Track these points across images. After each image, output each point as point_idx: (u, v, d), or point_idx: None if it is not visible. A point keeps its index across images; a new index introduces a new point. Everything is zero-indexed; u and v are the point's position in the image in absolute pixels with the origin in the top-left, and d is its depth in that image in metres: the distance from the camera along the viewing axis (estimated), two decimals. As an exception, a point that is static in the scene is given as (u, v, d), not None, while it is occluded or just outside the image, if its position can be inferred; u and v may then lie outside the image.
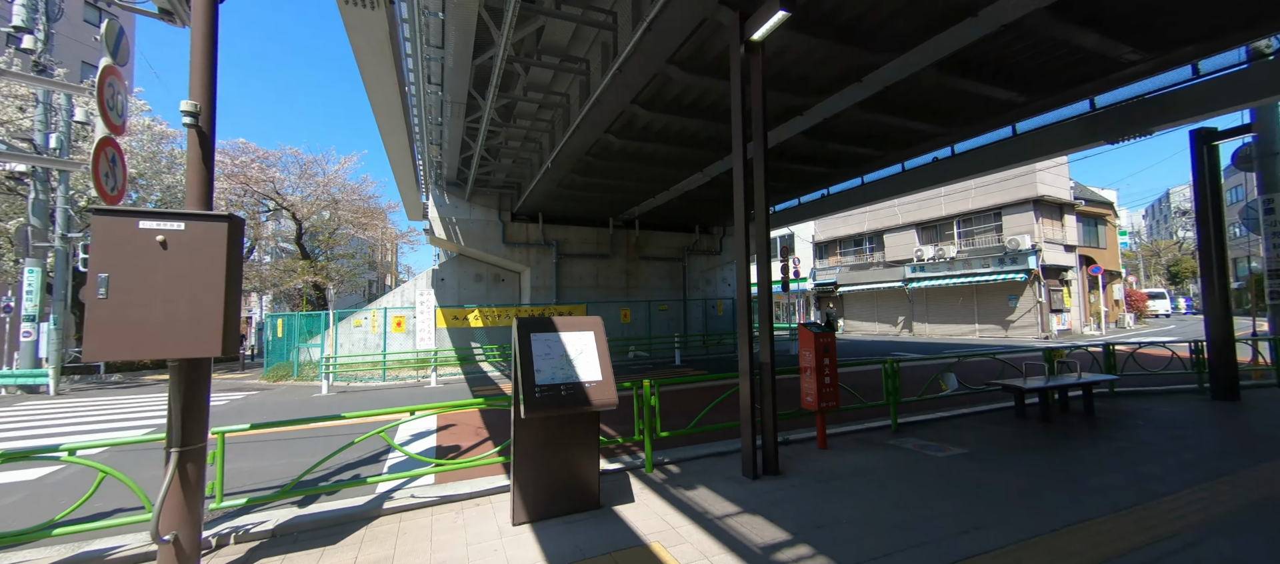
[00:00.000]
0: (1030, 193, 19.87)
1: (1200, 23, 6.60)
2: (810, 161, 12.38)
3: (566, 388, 3.23)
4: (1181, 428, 5.47)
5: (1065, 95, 8.59)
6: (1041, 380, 6.10)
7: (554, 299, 17.00)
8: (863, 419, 6.25)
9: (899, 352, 16.69)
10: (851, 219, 28.13)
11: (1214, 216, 7.15)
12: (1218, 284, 7.15)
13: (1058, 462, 4.42)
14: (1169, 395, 7.37)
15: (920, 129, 9.94)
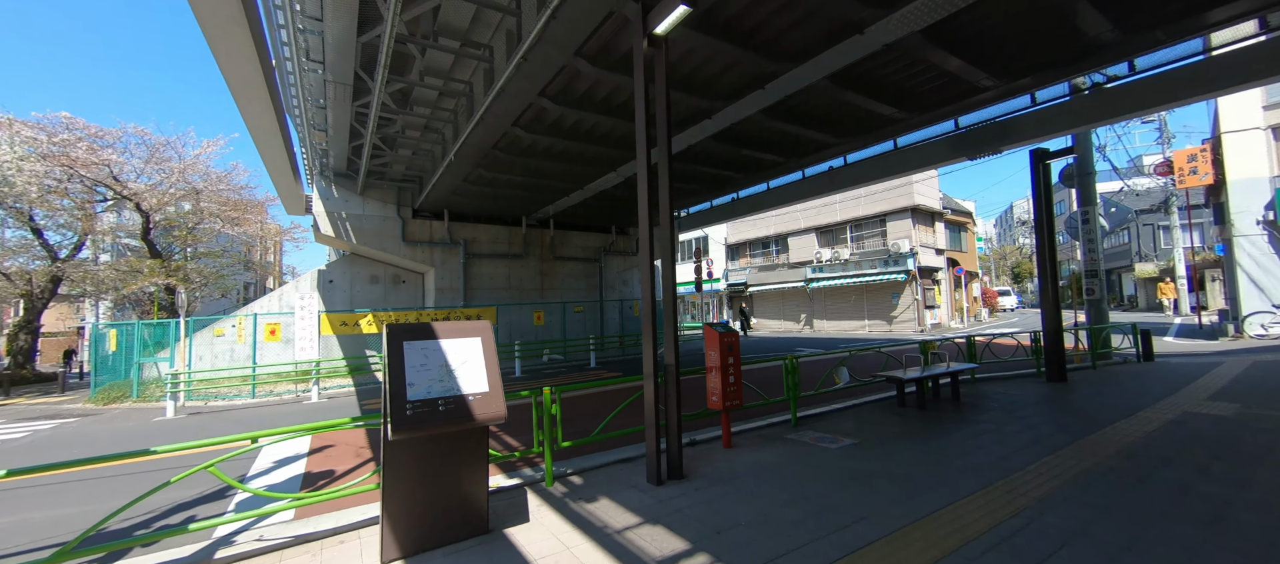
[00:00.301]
0: (908, 202, 22.24)
1: (1037, 57, 7.65)
2: (720, 165, 12.76)
3: (446, 402, 2.86)
4: (1025, 408, 6.26)
5: (936, 114, 9.60)
6: (918, 371, 6.69)
7: (462, 301, 15.97)
8: (766, 415, 6.45)
9: (801, 347, 17.82)
10: (760, 223, 29.70)
11: (1047, 225, 8.35)
12: (1050, 283, 8.36)
13: (931, 446, 4.81)
14: (1016, 379, 8.48)
15: (818, 138, 10.62)
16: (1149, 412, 5.88)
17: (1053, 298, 8.32)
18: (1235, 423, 5.22)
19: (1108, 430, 5.11)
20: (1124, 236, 35.12)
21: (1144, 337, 10.01)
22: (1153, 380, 7.85)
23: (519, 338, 16.43)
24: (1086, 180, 10.77)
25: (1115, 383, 7.80)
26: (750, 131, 10.70)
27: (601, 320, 18.73)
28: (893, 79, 8.42)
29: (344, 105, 9.78)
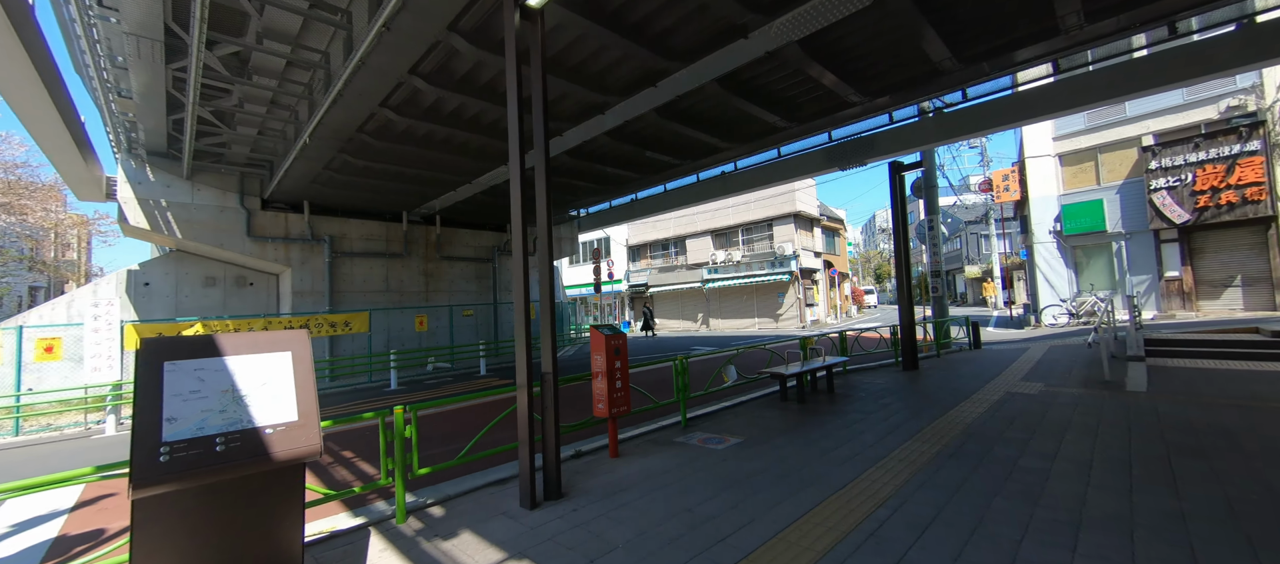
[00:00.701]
0: (792, 208, 24.10)
1: (894, 78, 8.49)
2: (618, 164, 12.59)
3: (229, 439, 2.17)
4: (887, 396, 6.84)
5: (813, 125, 10.29)
6: (798, 367, 7.01)
7: (326, 305, 13.97)
8: (658, 417, 6.31)
9: (697, 346, 18.35)
10: (660, 225, 30.31)
11: (903, 229, 9.33)
12: (905, 282, 9.35)
13: (810, 439, 4.97)
14: (880, 369, 9.36)
15: (710, 142, 10.87)
16: (981, 393, 6.72)
17: (907, 295, 9.31)
18: (1042, 399, 6.13)
19: (952, 413, 5.70)
20: (957, 243, 41.64)
21: (974, 328, 11.69)
22: (982, 365, 9.11)
23: (398, 345, 14.81)
24: (932, 192, 12.34)
25: (955, 369, 8.92)
26: (646, 131, 10.65)
27: (495, 324, 17.64)
28: (777, 88, 8.84)
29: (154, 67, 7.89)
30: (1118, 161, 14.87)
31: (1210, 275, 13.39)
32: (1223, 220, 12.87)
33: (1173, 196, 13.51)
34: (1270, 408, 5.20)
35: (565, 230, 20.53)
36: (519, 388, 3.75)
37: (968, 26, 7.12)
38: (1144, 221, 14.14)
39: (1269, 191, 12.18)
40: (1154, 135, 13.92)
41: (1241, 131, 12.47)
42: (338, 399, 10.84)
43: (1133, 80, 8.67)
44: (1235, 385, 6.36)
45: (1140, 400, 5.86)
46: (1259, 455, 3.87)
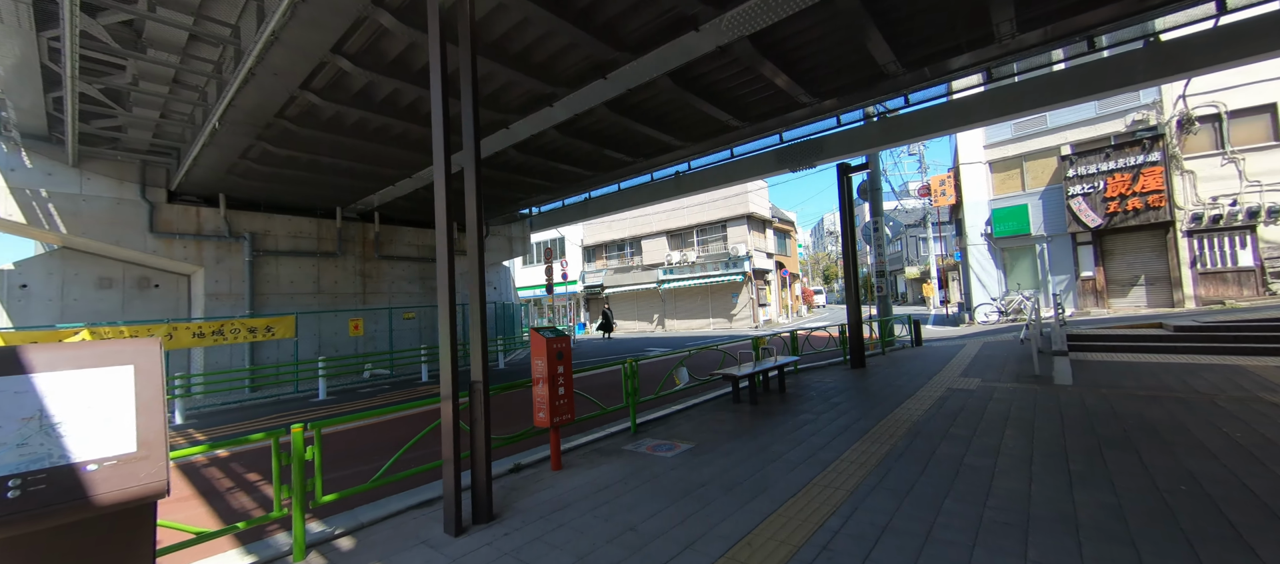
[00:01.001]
0: (745, 210, 24.45)
1: (842, 80, 8.60)
2: (569, 160, 12.17)
3: (27, 481, 1.68)
4: (837, 395, 6.85)
5: (764, 126, 10.31)
6: (750, 367, 6.90)
7: (246, 309, 12.72)
8: (607, 423, 6.00)
9: (652, 347, 18.17)
10: (615, 225, 30.02)
11: (850, 229, 9.50)
12: (853, 282, 9.52)
13: (761, 444, 4.81)
14: (829, 368, 9.47)
15: (663, 140, 10.68)
16: (924, 390, 6.85)
17: (854, 295, 9.48)
18: (980, 395, 6.30)
19: (898, 411, 5.73)
20: (898, 246, 43.85)
21: (916, 326, 12.13)
22: (924, 362, 9.40)
23: (332, 351, 13.73)
24: (876, 195, 12.73)
25: (900, 366, 9.15)
26: (597, 126, 10.33)
27: (440, 328, 16.72)
28: (729, 86, 8.75)
29: (23, 33, 6.80)
30: (1040, 169, 15.97)
31: (1119, 275, 14.60)
32: (1129, 225, 14.05)
33: (1087, 202, 14.63)
34: (1178, 397, 5.54)
35: (516, 229, 19.85)
36: (443, 398, 3.34)
37: (912, 30, 7.27)
38: (1063, 225, 15.23)
39: (1167, 199, 13.40)
40: (1071, 145, 15.03)
41: (1144, 143, 13.67)
42: (255, 412, 9.82)
43: (1056, 91, 9.21)
44: (1147, 377, 6.80)
45: (1068, 393, 6.13)
46: (1178, 446, 4.04)
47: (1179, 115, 13.24)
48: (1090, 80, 8.92)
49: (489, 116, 8.93)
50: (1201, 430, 4.38)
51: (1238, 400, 5.30)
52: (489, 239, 18.99)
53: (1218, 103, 12.94)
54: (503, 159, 11.55)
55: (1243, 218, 12.57)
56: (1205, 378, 6.50)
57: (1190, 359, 7.87)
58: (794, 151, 12.18)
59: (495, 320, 18.35)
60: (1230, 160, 12.89)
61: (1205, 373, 6.80)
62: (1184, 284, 13.29)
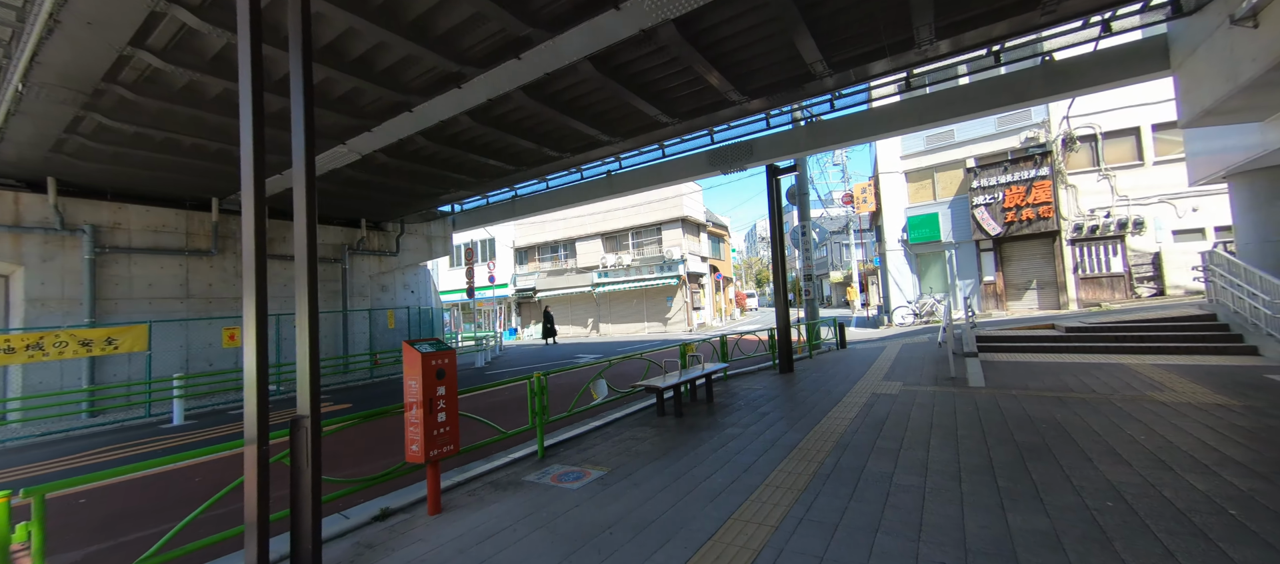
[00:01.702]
0: (680, 213, 24.36)
1: (771, 77, 8.41)
2: (489, 152, 11.19)
3: None
4: (765, 404, 6.52)
5: (695, 122, 9.96)
6: (676, 377, 6.41)
7: (86, 317, 10.53)
8: (514, 446, 5.25)
9: (584, 353, 17.43)
10: (548, 226, 28.94)
11: (778, 231, 9.36)
12: (780, 285, 9.38)
13: (683, 466, 4.29)
14: (758, 373, 9.25)
15: (589, 133, 10.04)
16: (850, 395, 6.71)
17: (783, 299, 9.34)
18: (903, 400, 6.21)
19: (825, 422, 5.46)
20: (825, 251, 46.11)
21: (841, 329, 12.34)
22: (849, 365, 9.43)
23: (204, 365, 11.78)
24: (804, 200, 12.87)
25: (826, 369, 9.11)
26: (517, 116, 9.50)
27: (345, 336, 14.98)
28: (656, 78, 8.29)
29: None
30: (949, 180, 17.06)
31: (1015, 279, 15.85)
32: (1024, 233, 15.29)
33: (989, 212, 15.76)
34: (1080, 398, 5.70)
35: (437, 228, 18.38)
36: (247, 442, 2.47)
37: (839, 27, 7.16)
38: (969, 233, 16.32)
39: (1054, 210, 14.70)
40: (975, 159, 16.15)
41: (1036, 159, 14.94)
42: (86, 443, 7.99)
43: (963, 103, 9.62)
44: (1049, 377, 7.09)
45: (982, 396, 6.18)
46: (1094, 452, 3.98)
47: (1063, 135, 14.57)
48: (993, 94, 9.39)
49: (387, 96, 7.86)
50: (1110, 434, 4.40)
51: (1130, 400, 5.52)
52: (405, 239, 17.40)
53: (1094, 125, 14.38)
54: (411, 148, 10.38)
55: (1114, 229, 14.02)
56: (1098, 377, 6.85)
57: (1081, 358, 8.40)
58: (725, 153, 12.01)
59: (413, 328, 16.81)
60: (1104, 177, 14.36)
61: (1096, 372, 7.19)
62: (1068, 288, 14.62)
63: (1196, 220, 13.22)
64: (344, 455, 5.86)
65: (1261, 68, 5.71)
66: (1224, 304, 8.72)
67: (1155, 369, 7.13)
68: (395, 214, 16.20)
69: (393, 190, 13.46)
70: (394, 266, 17.10)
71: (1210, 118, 7.43)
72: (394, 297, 17.62)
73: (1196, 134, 9.31)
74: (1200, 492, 3.15)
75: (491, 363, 16.51)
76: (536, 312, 30.18)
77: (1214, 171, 9.04)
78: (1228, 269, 8.51)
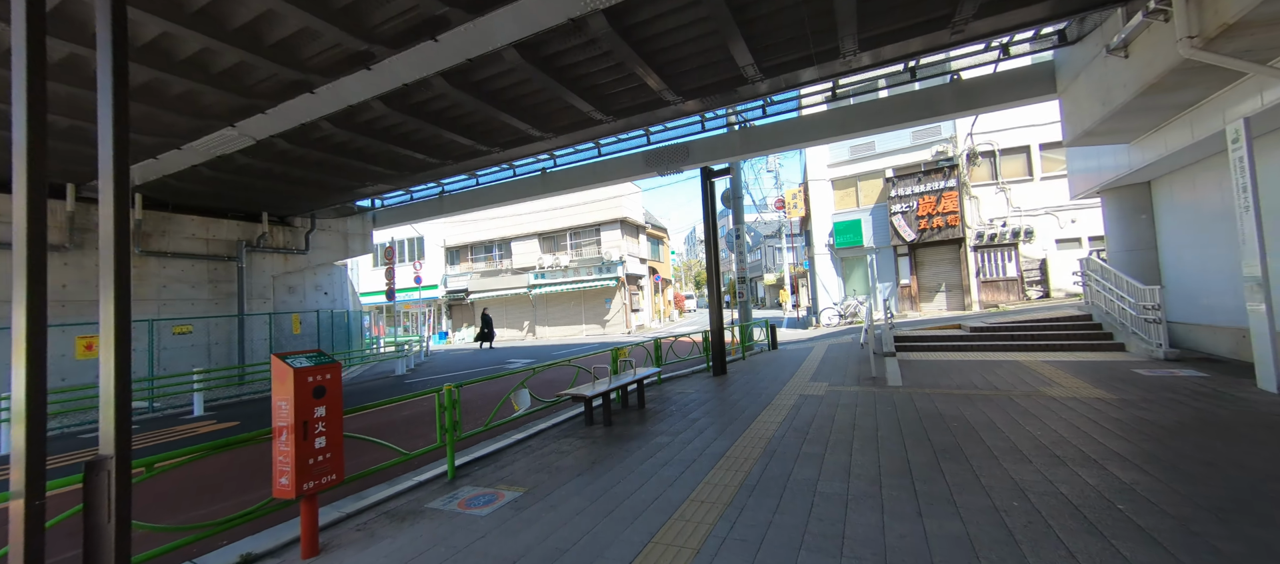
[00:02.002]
0: (619, 214, 24.16)
1: (705, 79, 8.37)
2: (409, 143, 10.35)
3: None
4: (696, 409, 6.41)
5: (630, 121, 9.73)
6: (605, 384, 6.14)
7: (-118, 327, 8.53)
8: (421, 466, 4.74)
9: (515, 359, 16.74)
10: (482, 225, 27.73)
11: (713, 233, 9.36)
12: (715, 286, 9.39)
13: (606, 482, 4.02)
14: (692, 376, 9.19)
15: (519, 127, 9.54)
16: (779, 397, 6.76)
17: (717, 301, 9.35)
18: (829, 401, 6.33)
19: (754, 426, 5.41)
20: (759, 254, 47.82)
21: (772, 331, 12.64)
22: (779, 367, 9.61)
23: (56, 380, 9.96)
24: (738, 203, 13.07)
25: (758, 371, 9.21)
26: (438, 104, 8.83)
27: (241, 344, 13.34)
28: (588, 72, 7.97)
29: None
30: (871, 189, 18.12)
31: (927, 283, 17.10)
32: (934, 240, 16.52)
33: (904, 220, 16.89)
34: (985, 395, 6.07)
35: (355, 224, 16.94)
36: (12, 494, 1.88)
37: (771, 32, 7.22)
38: (887, 238, 17.40)
39: (960, 219, 16.00)
40: (893, 169, 17.26)
41: (945, 171, 16.20)
42: None
43: (883, 115, 10.15)
44: (957, 375, 7.55)
45: (900, 395, 6.42)
46: (998, 450, 4.16)
47: (968, 150, 15.90)
48: (909, 108, 9.97)
49: (283, 73, 6.97)
50: (1012, 430, 4.64)
51: (1027, 395, 5.94)
52: (316, 236, 15.85)
53: (993, 142, 15.82)
54: (318, 135, 9.38)
55: (1009, 237, 15.48)
56: (999, 374, 7.37)
57: (984, 357, 9.07)
58: (661, 154, 11.93)
59: (326, 333, 15.33)
60: (1001, 190, 15.82)
61: (998, 369, 7.75)
62: (972, 291, 15.97)
63: (1075, 230, 14.87)
64: (226, 486, 5.06)
65: (1131, 94, 6.36)
66: (1098, 306, 9.77)
67: (1045, 366, 7.79)
68: (304, 208, 14.69)
69: (300, 182, 12.16)
70: (303, 266, 15.51)
71: (1088, 138, 8.27)
72: (303, 299, 16.01)
73: (1077, 153, 10.39)
74: (1091, 486, 3.32)
75: (414, 370, 15.41)
76: (470, 314, 28.81)
77: (1090, 187, 10.13)
78: (1100, 274, 9.54)
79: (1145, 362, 7.64)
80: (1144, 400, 5.40)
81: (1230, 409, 4.89)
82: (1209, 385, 5.89)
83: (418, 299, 29.70)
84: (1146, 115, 6.99)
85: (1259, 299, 5.50)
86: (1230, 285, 7.42)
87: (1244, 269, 5.69)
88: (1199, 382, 6.11)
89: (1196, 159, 7.65)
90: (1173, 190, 8.65)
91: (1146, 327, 8.06)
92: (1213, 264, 7.76)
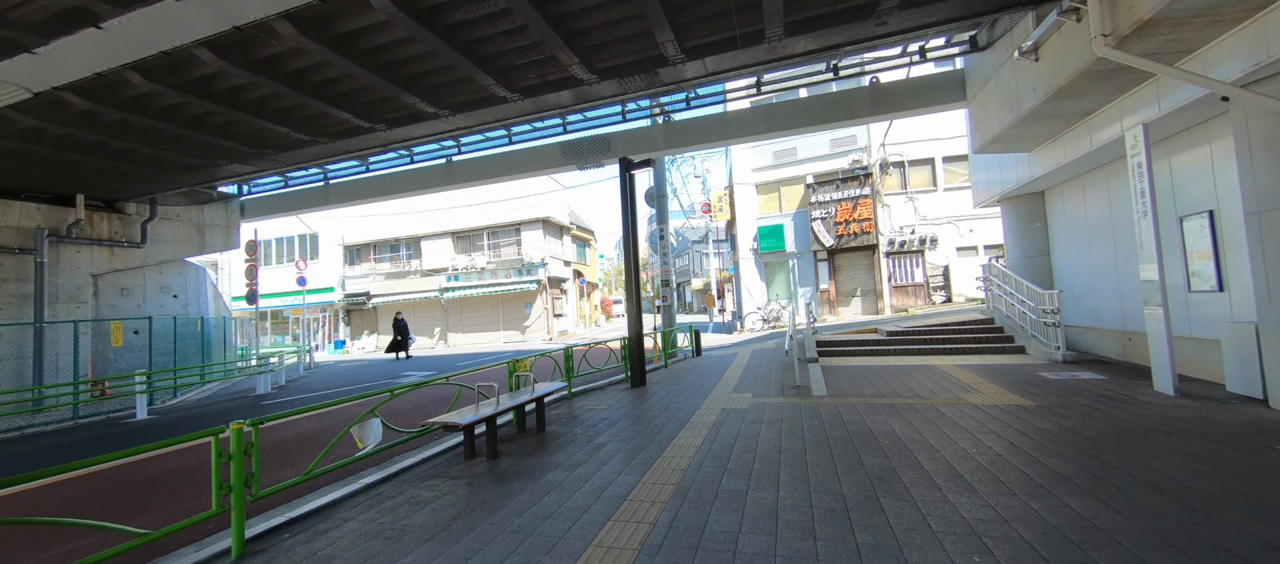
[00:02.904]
0: (541, 213, 22.80)
1: (623, 56, 7.52)
2: (264, 113, 8.52)
3: None
4: (605, 431, 5.48)
5: (543, 101, 8.64)
6: (492, 406, 5.02)
7: None
8: (212, 536, 3.38)
9: (414, 370, 14.89)
10: (388, 221, 25.07)
11: (632, 229, 8.53)
12: (634, 290, 8.56)
13: (464, 549, 2.96)
14: (608, 388, 8.26)
15: (407, 100, 8.13)
16: (700, 412, 6.02)
17: (636, 305, 8.52)
18: (753, 416, 5.67)
19: (669, 452, 4.58)
20: (687, 259, 48.17)
21: (696, 336, 12.06)
22: (702, 375, 8.96)
23: None
24: (662, 202, 12.41)
25: (680, 381, 8.49)
26: (296, 62, 7.23)
27: (37, 359, 10.45)
28: (485, 35, 6.82)
29: None
30: (793, 194, 18.35)
31: (844, 287, 17.55)
32: (851, 246, 16.98)
33: (824, 226, 17.22)
34: (908, 405, 5.72)
35: (213, 214, 14.27)
36: None
37: (693, 7, 6.53)
38: (808, 243, 17.67)
39: (874, 226, 16.56)
40: (813, 176, 17.57)
41: (860, 179, 16.72)
42: None
43: (804, 115, 9.94)
44: (879, 381, 7.27)
45: (826, 406, 5.92)
46: (938, 475, 3.63)
47: (881, 160, 16.51)
48: (829, 109, 9.80)
49: (48, -4, 5.16)
50: (945, 448, 4.18)
51: (950, 404, 5.64)
52: (159, 225, 13.08)
53: (902, 153, 16.56)
54: (130, 93, 7.40)
55: (917, 244, 16.23)
56: (919, 380, 7.18)
57: (901, 361, 9.00)
58: (580, 146, 10.97)
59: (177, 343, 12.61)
60: (910, 199, 16.58)
61: (916, 374, 7.59)
62: (885, 295, 16.55)
63: (973, 239, 15.86)
64: None
65: (1040, 98, 6.36)
66: (999, 310, 10.13)
67: (959, 370, 7.76)
68: (138, 191, 11.97)
69: (125, 157, 9.76)
70: (140, 262, 12.67)
71: (995, 145, 8.42)
72: (142, 302, 13.13)
73: (979, 164, 10.80)
74: (1053, 526, 2.80)
75: (285, 387, 13.11)
76: (372, 320, 25.91)
77: (991, 196, 10.55)
78: (1002, 280, 9.90)
79: (1046, 364, 7.83)
80: (1061, 407, 5.25)
81: (1139, 415, 4.80)
82: (1111, 389, 5.93)
83: (310, 303, 26.26)
84: (1050, 123, 7.12)
85: (1156, 303, 5.58)
86: (1115, 290, 7.80)
87: (1141, 273, 5.78)
88: (1101, 385, 6.18)
89: (1089, 168, 8.00)
90: (1064, 200, 9.10)
91: (1045, 330, 8.32)
92: (1100, 270, 8.16)
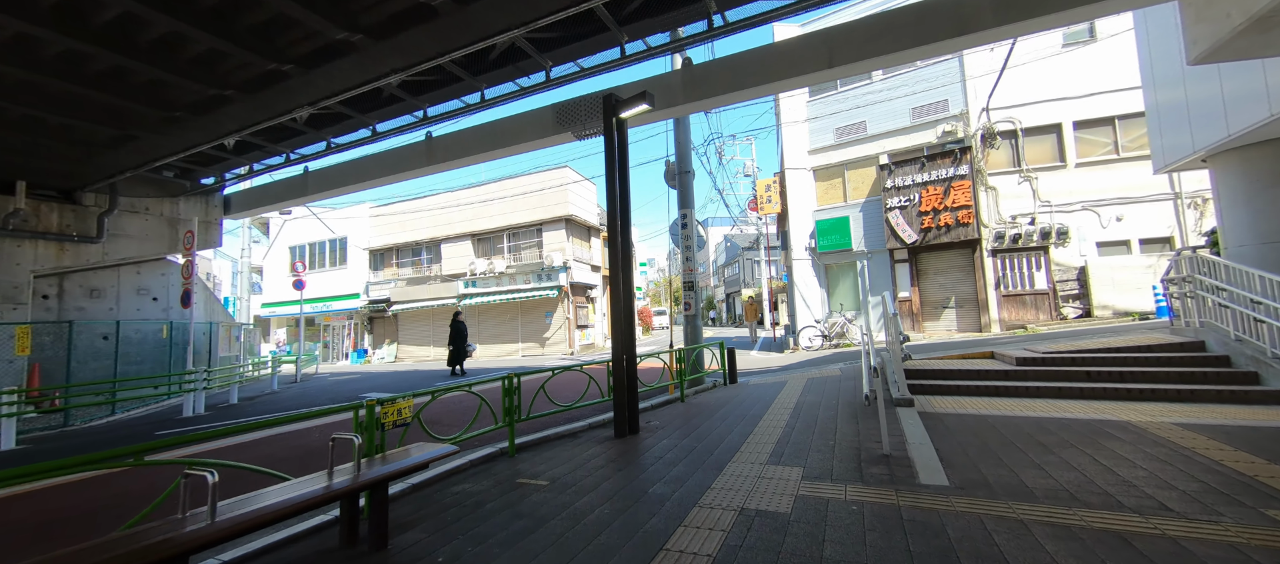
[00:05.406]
0: (563, 211, 20.51)
1: None
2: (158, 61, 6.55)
3: None
4: (521, 542, 2.65)
5: (488, 20, 6.13)
6: (347, 478, 2.34)
7: None
8: None
9: (367, 392, 12.78)
10: (410, 223, 23.83)
11: (619, 204, 5.72)
12: (620, 292, 5.72)
13: None
14: (578, 437, 5.46)
15: (311, 23, 5.84)
16: (698, 512, 3.07)
17: (625, 313, 5.68)
18: (797, 533, 2.64)
19: None
20: (737, 268, 44.54)
21: (730, 356, 9.00)
22: (728, 420, 5.95)
23: None
24: (685, 178, 9.52)
25: (692, 429, 5.54)
26: None
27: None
28: None
29: None
30: (861, 179, 14.80)
31: (932, 296, 13.71)
32: (942, 242, 13.19)
33: (903, 217, 13.56)
34: (1132, 528, 2.46)
35: (191, 208, 12.98)
36: None
37: None
38: (882, 241, 14.03)
39: (974, 216, 12.71)
40: (888, 155, 13.98)
41: (954, 154, 12.96)
42: None
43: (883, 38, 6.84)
44: (1034, 452, 3.98)
45: (952, 519, 2.79)
46: None
47: (982, 129, 12.69)
48: (923, 24, 6.64)
49: None
50: None
51: (1250, 534, 2.33)
52: (121, 218, 11.83)
53: (1014, 119, 12.65)
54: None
55: (1037, 239, 12.21)
56: (1115, 451, 3.84)
57: (1055, 408, 5.53)
58: (576, 108, 8.32)
59: (150, 352, 11.26)
60: (1025, 179, 12.60)
61: (1104, 440, 4.20)
62: (991, 307, 12.61)
63: (1120, 231, 11.65)
64: None
65: None
66: (1217, 328, 6.32)
67: (1182, 432, 4.28)
68: (96, 172, 10.64)
69: (88, 139, 8.26)
70: (97, 260, 11.41)
71: (1229, 49, 4.87)
72: (114, 304, 11.92)
73: (1171, 108, 7.09)
74: None
75: (237, 406, 11.32)
76: (392, 328, 24.64)
77: (1194, 152, 6.79)
78: (1226, 280, 6.11)
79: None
80: None
81: None
82: None
83: (335, 310, 25.50)
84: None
85: None
86: None
87: None
88: None
89: None
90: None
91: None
92: None
